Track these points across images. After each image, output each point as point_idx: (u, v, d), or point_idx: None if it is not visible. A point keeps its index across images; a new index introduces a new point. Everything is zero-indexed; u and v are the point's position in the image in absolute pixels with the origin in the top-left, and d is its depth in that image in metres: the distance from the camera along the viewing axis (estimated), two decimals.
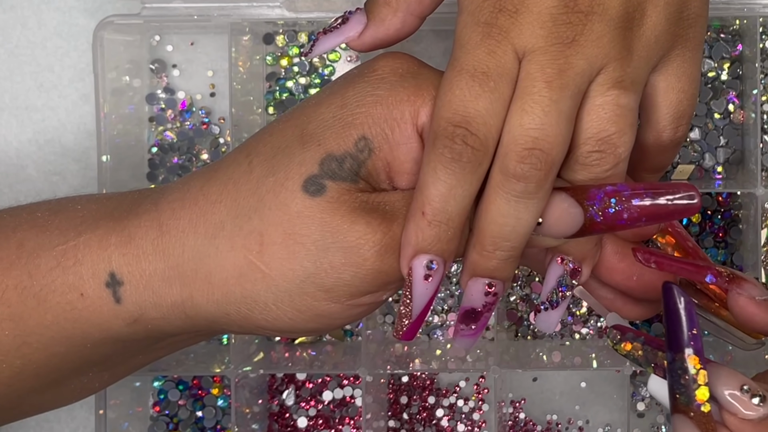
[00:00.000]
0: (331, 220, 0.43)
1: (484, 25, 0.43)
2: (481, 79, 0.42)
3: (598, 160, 0.43)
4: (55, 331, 0.47)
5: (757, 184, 0.65)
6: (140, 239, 0.46)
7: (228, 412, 0.70)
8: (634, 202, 0.42)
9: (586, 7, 0.42)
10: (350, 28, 0.47)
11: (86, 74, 0.70)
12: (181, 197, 0.46)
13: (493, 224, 0.43)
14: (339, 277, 0.44)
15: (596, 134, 0.43)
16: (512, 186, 0.42)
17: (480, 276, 0.44)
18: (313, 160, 0.44)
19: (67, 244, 0.46)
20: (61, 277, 0.46)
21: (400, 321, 0.44)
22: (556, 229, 0.43)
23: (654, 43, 0.44)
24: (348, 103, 0.44)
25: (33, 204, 0.50)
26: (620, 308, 0.48)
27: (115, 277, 0.46)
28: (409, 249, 0.43)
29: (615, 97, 0.43)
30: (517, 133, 0.42)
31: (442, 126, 0.42)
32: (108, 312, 0.46)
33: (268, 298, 0.45)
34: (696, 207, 0.42)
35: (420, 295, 0.43)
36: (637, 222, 0.42)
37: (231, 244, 0.44)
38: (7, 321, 0.47)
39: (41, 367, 0.48)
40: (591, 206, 0.42)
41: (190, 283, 0.45)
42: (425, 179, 0.42)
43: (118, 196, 0.48)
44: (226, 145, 0.70)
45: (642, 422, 0.71)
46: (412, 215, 0.43)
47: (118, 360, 0.51)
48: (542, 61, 0.42)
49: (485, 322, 0.45)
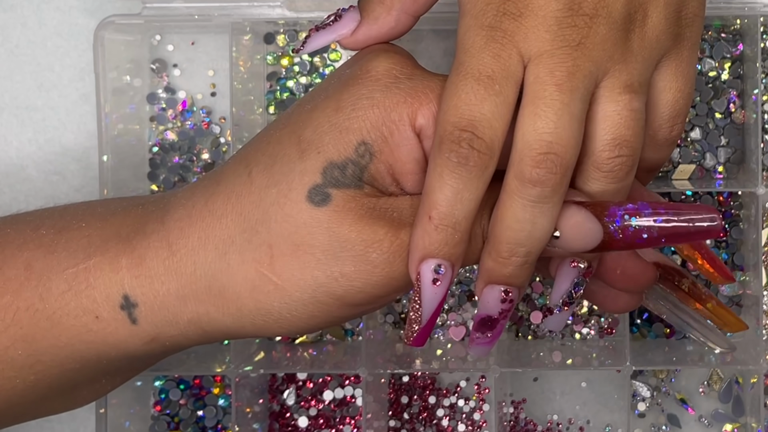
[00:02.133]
0: (338, 229, 0.43)
1: (488, 28, 0.42)
2: (486, 83, 0.42)
3: (619, 165, 0.43)
4: (69, 351, 0.47)
5: (758, 184, 0.65)
6: (151, 260, 0.46)
7: (229, 411, 0.70)
8: (655, 222, 0.42)
9: (591, 9, 0.42)
10: (343, 25, 0.47)
11: (86, 74, 0.70)
12: (188, 214, 0.46)
13: (509, 230, 0.42)
14: (351, 285, 0.44)
15: (614, 140, 0.43)
16: (528, 191, 0.42)
17: (496, 283, 0.44)
18: (315, 169, 0.43)
19: (78, 267, 0.46)
20: (74, 301, 0.46)
21: (410, 326, 0.44)
22: (574, 243, 0.43)
23: (655, 43, 0.44)
24: (343, 107, 0.44)
25: (35, 217, 0.49)
26: (602, 301, 0.48)
27: (129, 300, 0.46)
28: (416, 254, 0.43)
29: (628, 102, 0.43)
30: (531, 138, 0.42)
31: (448, 130, 0.42)
32: (124, 333, 0.46)
33: (282, 309, 0.45)
34: (717, 230, 0.42)
35: (429, 299, 0.43)
36: (657, 242, 0.42)
37: (241, 258, 0.44)
38: (20, 342, 0.47)
39: (55, 381, 0.48)
40: (611, 223, 0.42)
41: (205, 300, 0.45)
42: (431, 184, 0.42)
43: (121, 211, 0.48)
44: (227, 145, 0.70)
45: (642, 422, 0.71)
46: (419, 220, 0.43)
47: (132, 368, 0.51)
48: (551, 65, 0.42)
49: (501, 329, 0.45)
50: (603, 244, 0.43)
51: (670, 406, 0.71)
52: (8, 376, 0.47)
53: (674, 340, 0.70)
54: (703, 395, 0.71)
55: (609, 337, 0.71)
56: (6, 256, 0.47)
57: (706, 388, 0.71)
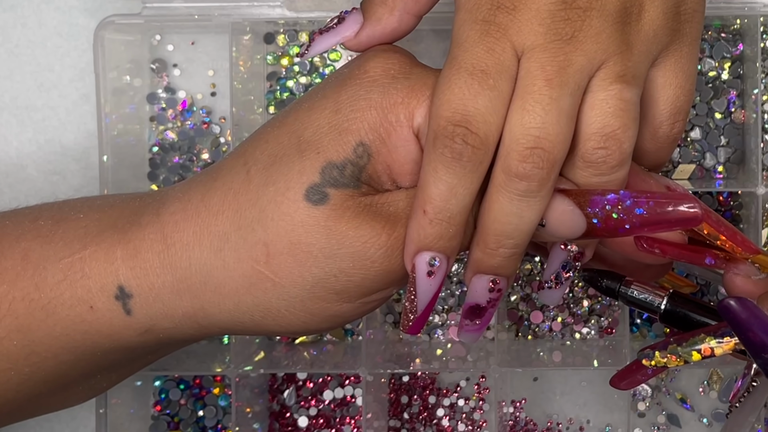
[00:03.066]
0: (335, 227, 0.43)
1: (482, 22, 0.42)
2: (480, 77, 0.42)
3: (603, 157, 0.43)
4: (64, 341, 0.47)
5: (757, 184, 0.65)
6: (146, 252, 0.46)
7: (229, 411, 0.70)
8: (636, 212, 0.42)
9: (585, 2, 0.42)
10: (346, 27, 0.47)
11: (86, 74, 0.70)
12: (183, 208, 0.46)
13: (496, 223, 0.43)
14: (349, 280, 0.44)
15: (600, 129, 0.42)
16: (515, 185, 0.42)
17: (484, 273, 0.44)
18: (313, 169, 0.44)
19: (73, 256, 0.46)
20: (69, 291, 0.46)
21: (406, 316, 0.44)
22: (559, 231, 0.43)
23: (652, 37, 0.44)
24: (341, 107, 0.44)
25: (34, 209, 0.49)
26: (632, 272, 0.48)
27: (124, 291, 0.46)
28: (411, 246, 0.43)
29: (618, 92, 0.42)
30: (518, 132, 0.42)
31: (442, 125, 0.42)
32: (119, 323, 0.46)
33: (280, 305, 0.45)
34: (697, 217, 0.42)
35: (424, 291, 0.44)
36: (639, 231, 0.42)
37: (237, 255, 0.44)
38: (15, 332, 0.47)
39: (50, 374, 0.48)
40: (593, 214, 0.42)
41: (200, 295, 0.45)
42: (426, 178, 0.42)
43: (119, 203, 0.48)
44: (227, 145, 0.70)
45: (642, 422, 0.71)
46: (414, 214, 0.43)
47: (127, 362, 0.51)
48: (542, 59, 0.42)
49: (489, 317, 0.45)
50: (587, 233, 0.43)
51: (670, 405, 0.71)
52: (3, 368, 0.47)
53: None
54: (703, 395, 0.71)
55: (609, 337, 0.71)
56: (3, 246, 0.47)
57: (706, 388, 0.71)
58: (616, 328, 0.71)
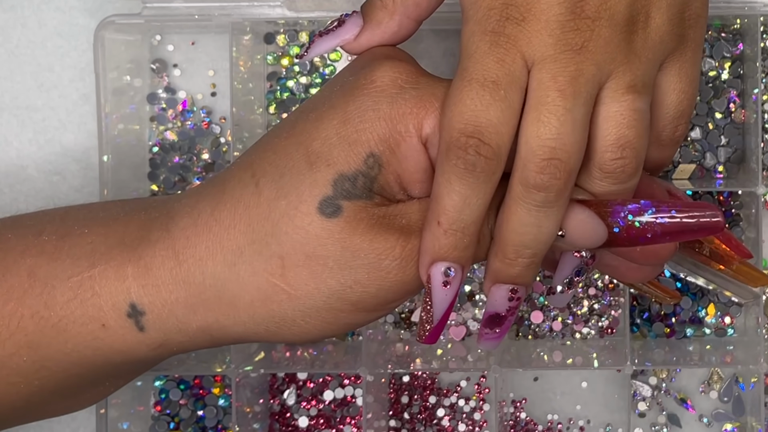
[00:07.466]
0: (350, 239, 0.43)
1: (492, 33, 0.42)
2: (491, 89, 0.42)
3: (622, 167, 0.43)
4: (75, 357, 0.47)
5: (758, 183, 0.65)
6: (157, 269, 0.46)
7: (229, 411, 0.70)
8: (658, 221, 0.42)
9: (593, 12, 0.42)
10: (346, 30, 0.47)
11: (87, 74, 0.70)
12: (193, 223, 0.46)
13: (514, 233, 0.43)
14: (364, 291, 0.44)
15: (616, 141, 0.43)
16: (533, 196, 0.42)
17: (503, 282, 0.44)
18: (325, 181, 0.44)
19: (82, 275, 0.46)
20: (79, 309, 0.46)
21: (422, 326, 0.45)
22: (579, 242, 0.44)
23: (659, 44, 0.44)
24: (350, 119, 0.44)
25: (36, 221, 0.49)
26: (624, 273, 0.48)
27: (136, 308, 0.46)
28: (426, 257, 0.43)
29: (631, 102, 0.43)
30: (534, 144, 0.42)
31: (455, 137, 0.42)
32: (132, 340, 0.46)
33: (296, 316, 0.45)
34: (720, 226, 0.42)
35: (440, 301, 0.44)
36: (661, 240, 0.43)
37: (252, 269, 0.44)
38: (26, 348, 0.47)
39: (59, 386, 0.48)
40: (615, 223, 0.43)
41: (215, 308, 0.45)
42: (439, 190, 0.43)
43: (123, 217, 0.48)
44: (227, 145, 0.70)
45: (642, 422, 0.71)
46: (428, 224, 0.43)
47: (137, 371, 0.51)
48: (553, 69, 0.42)
49: (509, 325, 0.45)
50: (608, 242, 0.43)
51: (670, 405, 0.71)
52: (13, 381, 0.47)
53: (674, 339, 0.70)
54: (703, 395, 0.71)
55: (609, 337, 0.71)
56: (8, 263, 0.47)
57: (706, 388, 0.71)
58: (616, 328, 0.71)
